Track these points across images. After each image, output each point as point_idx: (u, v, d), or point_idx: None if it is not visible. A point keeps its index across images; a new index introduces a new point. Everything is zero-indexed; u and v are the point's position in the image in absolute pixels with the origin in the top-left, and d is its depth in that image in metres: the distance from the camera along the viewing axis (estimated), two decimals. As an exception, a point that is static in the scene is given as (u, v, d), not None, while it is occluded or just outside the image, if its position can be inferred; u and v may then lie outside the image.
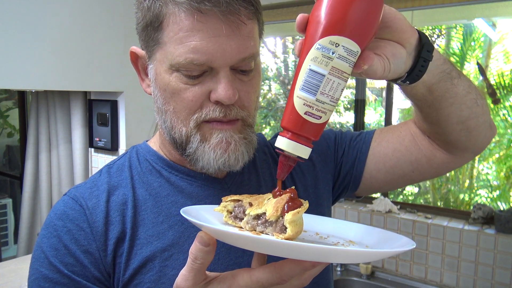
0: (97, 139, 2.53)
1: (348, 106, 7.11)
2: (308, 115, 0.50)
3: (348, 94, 7.20)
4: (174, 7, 0.61)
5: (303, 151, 0.51)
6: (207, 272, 0.52)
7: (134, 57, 0.72)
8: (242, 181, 0.77)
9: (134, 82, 2.47)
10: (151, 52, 0.66)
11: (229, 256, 0.69)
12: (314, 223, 0.64)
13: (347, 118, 7.07)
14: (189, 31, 0.60)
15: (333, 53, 0.49)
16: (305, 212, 0.53)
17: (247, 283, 0.48)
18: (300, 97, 0.50)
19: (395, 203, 2.47)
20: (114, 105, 2.46)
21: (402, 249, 0.49)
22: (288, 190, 0.54)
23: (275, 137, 0.91)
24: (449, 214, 2.34)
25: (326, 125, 0.54)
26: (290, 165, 0.53)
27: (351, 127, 6.60)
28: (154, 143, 0.78)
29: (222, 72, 0.62)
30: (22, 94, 3.27)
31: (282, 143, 0.52)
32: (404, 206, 2.47)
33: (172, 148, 0.72)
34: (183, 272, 0.51)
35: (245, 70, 0.65)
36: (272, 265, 0.47)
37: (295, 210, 0.50)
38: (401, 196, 5.34)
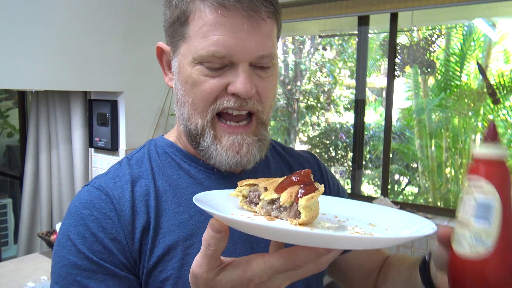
0: (97, 139, 2.53)
1: (348, 106, 7.11)
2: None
3: (348, 94, 7.20)
4: (200, 3, 0.65)
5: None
6: (222, 258, 0.53)
7: (160, 52, 0.76)
8: (256, 178, 0.80)
9: (134, 82, 2.49)
10: (176, 46, 0.70)
11: (245, 247, 0.71)
12: (334, 205, 0.62)
13: (347, 118, 7.07)
14: (213, 25, 0.64)
15: None
16: (325, 195, 0.51)
17: (261, 268, 0.48)
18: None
19: (395, 203, 2.47)
20: (114, 105, 2.46)
21: (419, 235, 0.47)
22: (303, 172, 0.53)
23: (302, 151, 0.95)
24: (449, 214, 2.34)
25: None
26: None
27: (351, 127, 6.60)
28: (172, 136, 0.80)
29: (241, 66, 0.65)
30: (22, 94, 3.27)
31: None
32: (404, 206, 2.47)
33: (188, 140, 0.74)
34: (198, 258, 0.51)
35: (264, 67, 0.68)
36: (286, 251, 0.48)
37: (309, 195, 0.49)
38: (401, 196, 5.34)
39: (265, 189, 0.56)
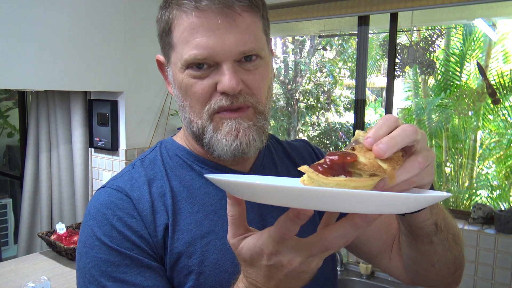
0: (97, 139, 2.53)
1: (348, 106, 7.11)
2: None
3: (348, 94, 7.20)
4: (177, 11, 0.68)
5: None
6: (251, 228, 0.54)
7: (159, 64, 0.79)
8: (264, 174, 0.81)
9: (134, 82, 2.49)
10: (168, 56, 0.74)
11: (257, 218, 0.75)
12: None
13: (347, 118, 7.08)
14: (191, 29, 0.66)
15: None
16: None
17: (266, 237, 0.49)
18: None
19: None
20: (114, 105, 2.46)
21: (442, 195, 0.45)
22: (343, 155, 0.45)
23: (296, 141, 0.96)
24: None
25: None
26: None
27: (351, 127, 6.60)
28: (180, 139, 0.82)
29: (225, 65, 0.67)
30: (22, 94, 3.27)
31: None
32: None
33: (195, 142, 0.77)
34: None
35: (249, 59, 0.69)
36: (283, 217, 0.47)
37: (305, 166, 0.45)
38: (401, 196, 5.33)
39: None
